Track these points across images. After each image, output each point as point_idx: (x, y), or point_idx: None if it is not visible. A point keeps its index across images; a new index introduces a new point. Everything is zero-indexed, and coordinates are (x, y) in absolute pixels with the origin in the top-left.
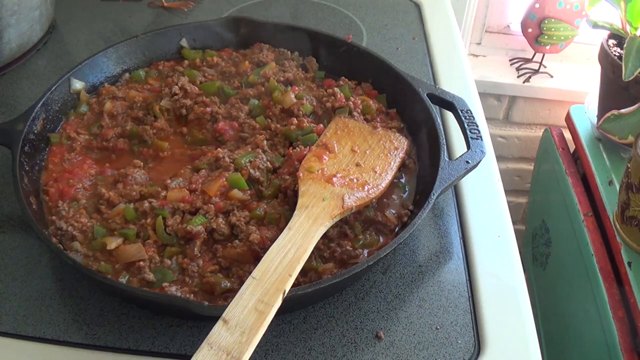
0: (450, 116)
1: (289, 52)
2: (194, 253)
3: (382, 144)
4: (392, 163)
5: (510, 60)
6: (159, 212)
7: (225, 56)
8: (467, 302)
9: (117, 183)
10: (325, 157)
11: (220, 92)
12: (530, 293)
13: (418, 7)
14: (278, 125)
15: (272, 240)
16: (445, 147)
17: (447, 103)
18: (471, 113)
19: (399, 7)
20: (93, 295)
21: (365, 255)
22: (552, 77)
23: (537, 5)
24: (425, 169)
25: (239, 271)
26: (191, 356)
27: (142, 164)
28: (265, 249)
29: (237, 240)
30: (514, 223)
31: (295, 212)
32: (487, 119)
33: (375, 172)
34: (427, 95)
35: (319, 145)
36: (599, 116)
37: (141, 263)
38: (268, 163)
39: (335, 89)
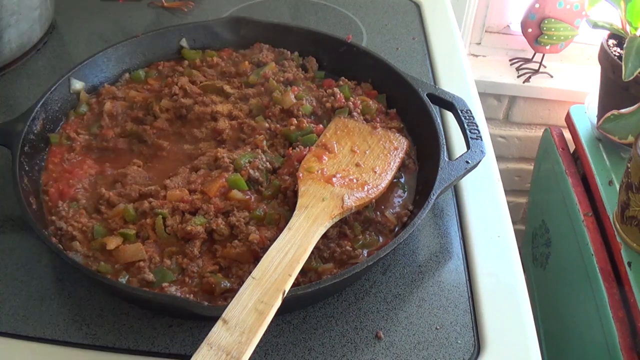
0: (450, 116)
1: (288, 52)
2: (194, 253)
3: (381, 144)
4: (392, 163)
5: (510, 60)
6: (159, 212)
7: (225, 56)
8: (467, 302)
9: (116, 183)
10: (324, 157)
11: (220, 92)
12: (530, 293)
13: (418, 7)
14: (278, 126)
15: (272, 241)
16: (445, 147)
17: (446, 103)
18: (471, 113)
19: (399, 7)
20: (93, 295)
21: (365, 255)
22: (552, 77)
23: (537, 5)
24: (425, 169)
25: (238, 271)
26: (191, 356)
27: (141, 163)
28: (264, 249)
29: (236, 241)
30: (514, 223)
31: (294, 212)
32: (487, 119)
33: (375, 172)
34: (426, 95)
35: (318, 146)
36: (599, 116)
37: (141, 263)
38: (268, 163)
39: (335, 89)
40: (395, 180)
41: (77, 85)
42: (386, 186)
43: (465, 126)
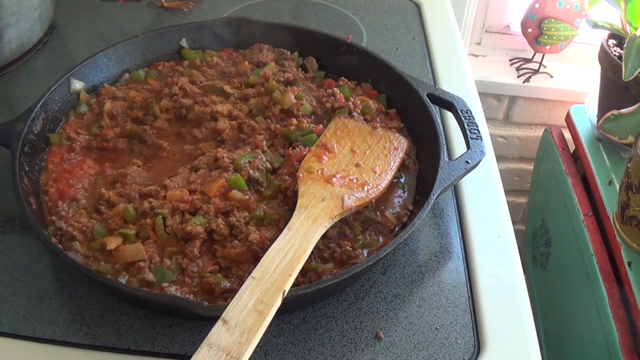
0: (450, 116)
1: (288, 52)
2: (194, 253)
3: (381, 144)
4: (392, 163)
5: (510, 60)
6: (159, 212)
7: (225, 56)
8: (467, 302)
9: (116, 183)
10: (324, 157)
11: (220, 92)
12: (530, 293)
13: (418, 7)
14: (278, 126)
15: (272, 241)
16: (445, 147)
17: (446, 103)
18: (471, 113)
19: (399, 7)
20: (93, 295)
21: (365, 255)
22: (552, 77)
23: (537, 5)
24: (425, 169)
25: (238, 271)
26: (191, 356)
27: (141, 163)
28: (264, 249)
29: (236, 241)
30: (514, 223)
31: (294, 213)
32: (487, 119)
33: (375, 172)
34: (426, 95)
35: (318, 146)
36: (599, 116)
37: (141, 263)
38: (267, 163)
39: (335, 89)
40: (395, 180)
41: (77, 85)
42: (386, 186)
43: (465, 126)
